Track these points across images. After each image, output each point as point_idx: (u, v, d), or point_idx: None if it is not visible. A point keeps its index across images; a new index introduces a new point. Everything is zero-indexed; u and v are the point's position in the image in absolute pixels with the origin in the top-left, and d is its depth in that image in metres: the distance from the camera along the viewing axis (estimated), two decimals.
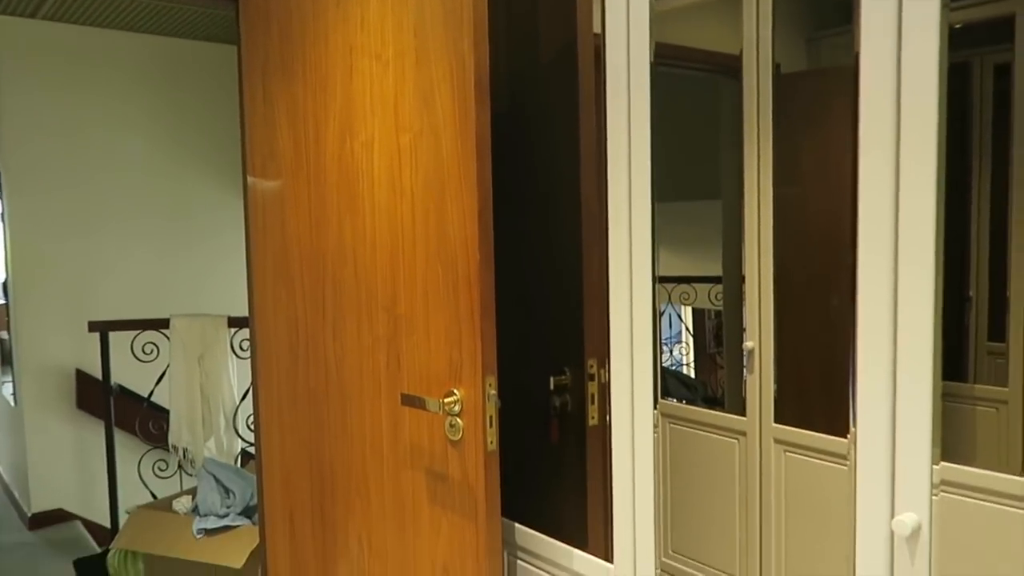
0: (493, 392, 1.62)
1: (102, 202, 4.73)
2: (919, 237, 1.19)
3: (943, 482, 1.22)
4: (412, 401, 1.78)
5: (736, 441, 1.74)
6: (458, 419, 1.65)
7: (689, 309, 1.87)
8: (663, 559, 1.71)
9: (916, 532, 1.21)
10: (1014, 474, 1.26)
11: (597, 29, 1.73)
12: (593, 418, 1.78)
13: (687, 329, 1.88)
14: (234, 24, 2.39)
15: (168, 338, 3.60)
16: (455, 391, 1.67)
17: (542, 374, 1.91)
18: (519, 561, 1.99)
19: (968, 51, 1.28)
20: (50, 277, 4.59)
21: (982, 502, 1.26)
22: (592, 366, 1.81)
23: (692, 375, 1.92)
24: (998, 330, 1.32)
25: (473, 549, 1.70)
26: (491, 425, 1.60)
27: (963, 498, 1.26)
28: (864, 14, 1.24)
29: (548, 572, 1.92)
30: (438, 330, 1.74)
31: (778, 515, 1.66)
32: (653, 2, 1.59)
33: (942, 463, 1.21)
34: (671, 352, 1.88)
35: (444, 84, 1.74)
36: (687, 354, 1.90)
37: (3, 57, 4.40)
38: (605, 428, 1.73)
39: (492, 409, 1.61)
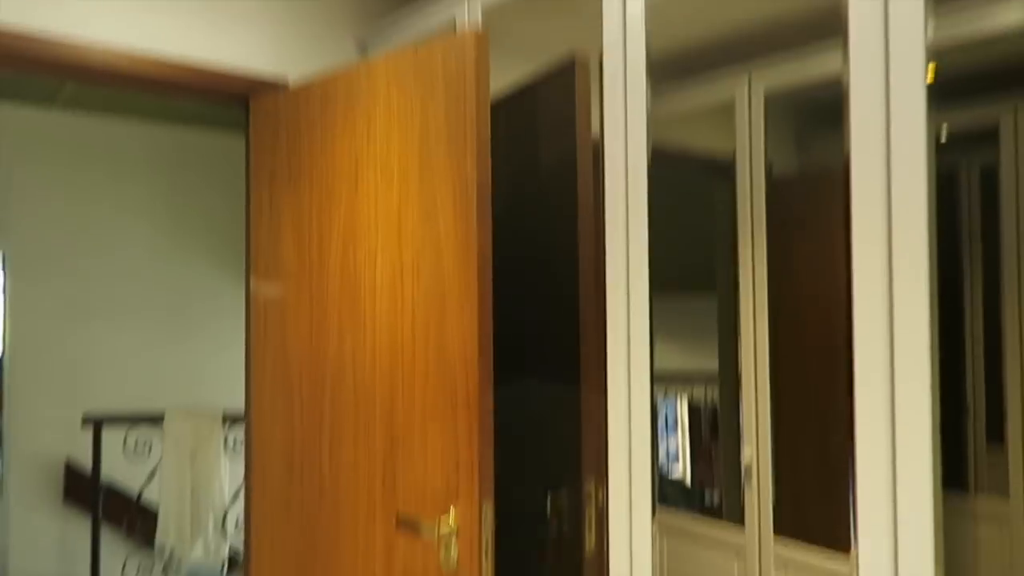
0: (490, 518, 1.58)
1: (104, 287, 4.73)
2: (914, 343, 1.18)
3: None
4: (407, 525, 1.73)
5: (735, 561, 1.69)
6: (453, 545, 1.60)
7: (684, 401, 1.85)
8: None
9: None
10: None
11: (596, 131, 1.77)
12: (591, 544, 1.73)
13: (682, 424, 1.86)
14: (240, 115, 2.44)
15: (162, 434, 3.55)
16: (451, 513, 1.63)
17: (539, 492, 1.87)
18: None
19: (955, 156, 1.30)
20: (46, 361, 4.55)
21: None
22: (590, 484, 1.78)
23: (688, 468, 1.87)
24: (996, 437, 1.30)
25: None
26: (487, 555, 1.55)
27: None
28: (853, 122, 1.26)
29: None
30: (435, 448, 1.71)
31: None
32: (650, 109, 1.63)
33: None
34: (666, 444, 1.85)
35: (447, 201, 1.76)
36: (682, 448, 1.87)
37: (12, 145, 4.48)
38: (603, 555, 1.68)
39: (488, 534, 1.57)
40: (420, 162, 1.82)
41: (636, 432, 1.61)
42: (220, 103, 2.45)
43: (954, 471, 1.32)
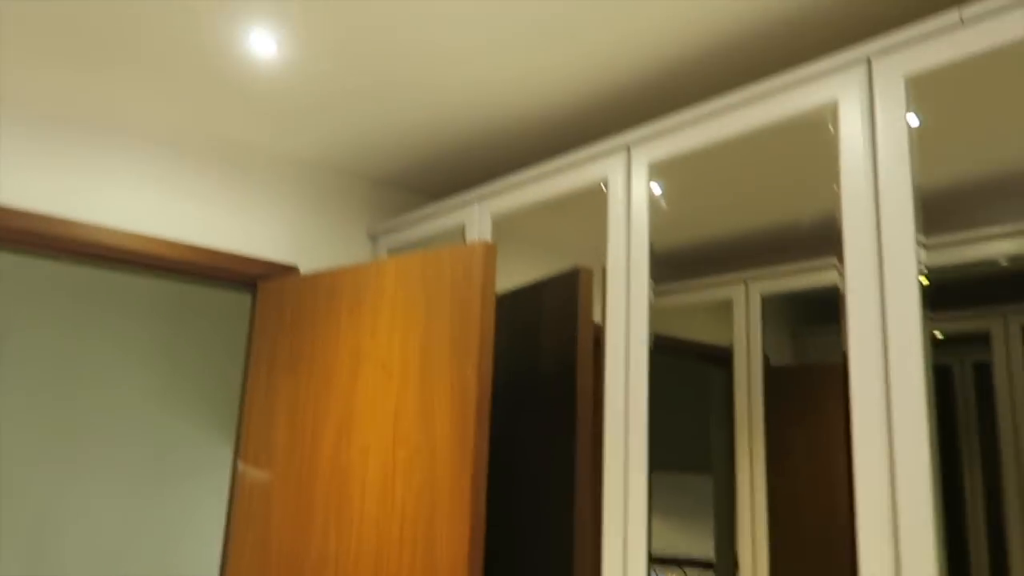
0: None
1: (86, 437, 4.65)
2: (918, 535, 1.18)
3: None
4: None
5: None
6: None
7: None
8: None
9: None
10: None
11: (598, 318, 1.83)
12: None
13: None
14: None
15: None
16: None
17: None
18: None
19: (949, 353, 1.34)
20: (11, 515, 4.40)
21: None
22: None
23: None
24: None
25: None
26: None
27: None
28: (851, 326, 1.33)
29: None
30: None
31: None
32: (652, 300, 1.70)
33: None
34: None
35: (445, 404, 1.78)
36: None
37: (11, 288, 4.54)
38: None
39: None
40: (421, 362, 1.87)
41: None
42: (230, 285, 2.52)
43: None
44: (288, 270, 2.49)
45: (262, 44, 1.85)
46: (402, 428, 1.86)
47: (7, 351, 4.51)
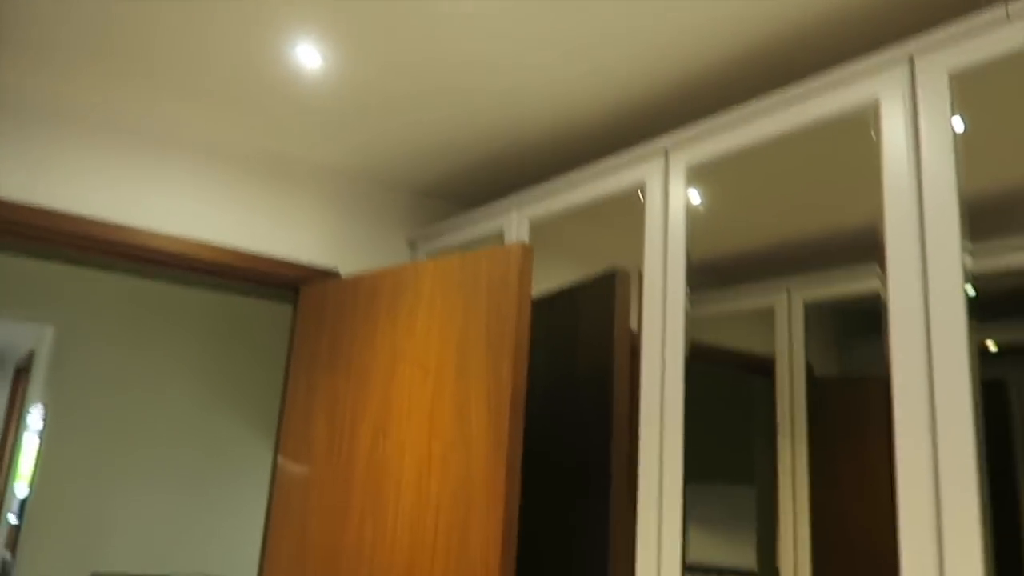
0: None
1: (135, 444, 4.77)
2: (965, 556, 1.16)
3: None
4: None
5: None
6: None
7: None
8: None
9: None
10: None
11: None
12: None
13: None
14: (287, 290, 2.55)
15: None
16: None
17: None
18: None
19: (1005, 366, 1.32)
20: (65, 514, 4.50)
21: None
22: None
23: None
24: None
25: None
26: None
27: None
28: (893, 337, 1.32)
29: None
30: None
31: None
32: (688, 310, 1.70)
33: None
34: None
35: (481, 400, 1.81)
36: None
37: (70, 303, 4.68)
38: None
39: None
40: (457, 361, 1.90)
41: None
42: (273, 289, 2.58)
43: None
44: (329, 275, 2.54)
45: (308, 57, 1.91)
46: (438, 424, 1.89)
47: (70, 357, 4.65)
